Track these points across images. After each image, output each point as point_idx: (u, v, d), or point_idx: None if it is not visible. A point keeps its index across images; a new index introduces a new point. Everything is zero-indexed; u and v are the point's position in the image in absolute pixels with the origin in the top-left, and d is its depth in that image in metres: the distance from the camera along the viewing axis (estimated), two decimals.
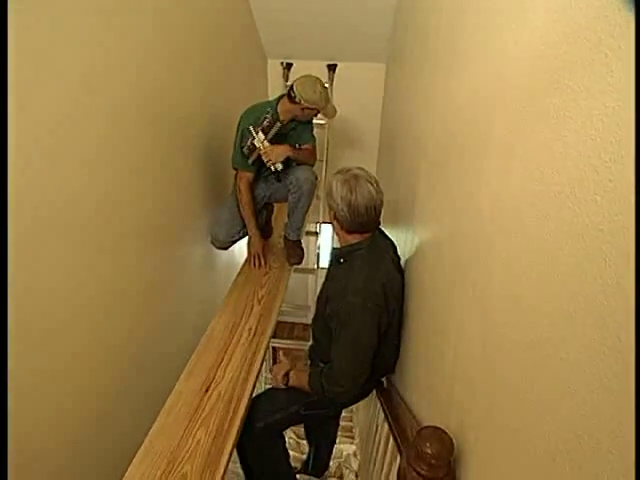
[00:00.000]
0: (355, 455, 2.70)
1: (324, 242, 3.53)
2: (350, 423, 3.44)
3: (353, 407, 3.66)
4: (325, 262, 1.93)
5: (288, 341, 3.80)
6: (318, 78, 2.08)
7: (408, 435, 1.13)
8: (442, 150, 1.19)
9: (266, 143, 2.08)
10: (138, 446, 1.41)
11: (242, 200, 2.23)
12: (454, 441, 0.78)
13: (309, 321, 1.76)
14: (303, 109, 2.07)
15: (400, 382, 1.54)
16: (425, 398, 1.19)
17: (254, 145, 2.10)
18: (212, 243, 2.44)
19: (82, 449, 1.54)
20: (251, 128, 2.08)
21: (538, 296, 0.58)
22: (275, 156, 2.08)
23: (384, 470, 1.43)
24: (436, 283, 1.16)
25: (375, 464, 1.62)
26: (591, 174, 0.46)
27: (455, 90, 1.10)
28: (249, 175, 2.20)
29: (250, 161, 2.16)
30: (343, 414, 3.37)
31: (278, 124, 2.12)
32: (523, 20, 0.68)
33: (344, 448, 2.79)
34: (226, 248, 2.46)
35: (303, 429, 2.45)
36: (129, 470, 1.33)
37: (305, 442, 2.55)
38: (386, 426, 1.44)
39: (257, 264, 2.42)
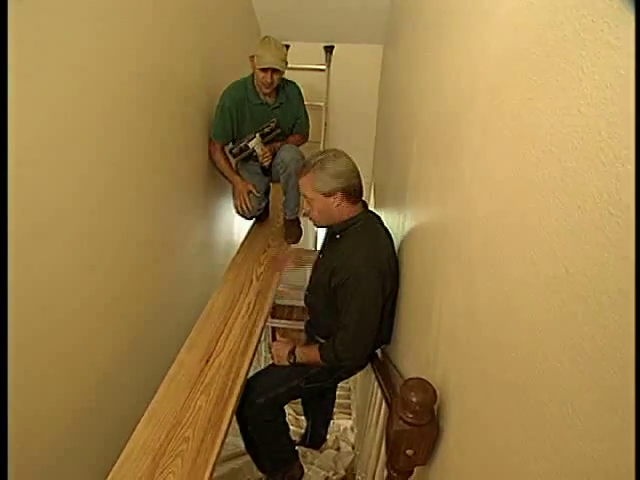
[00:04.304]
0: (352, 429, 2.79)
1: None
2: (348, 401, 3.54)
3: (351, 385, 3.76)
4: None
5: (287, 321, 3.86)
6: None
7: (397, 392, 1.19)
8: (432, 127, 1.23)
9: (263, 146, 2.28)
10: (142, 412, 1.48)
11: (216, 159, 2.38)
12: (437, 391, 0.84)
13: None
14: (251, 64, 2.16)
15: (393, 352, 1.61)
16: (414, 361, 1.25)
17: (247, 147, 2.26)
18: (240, 215, 2.48)
19: (91, 414, 1.61)
20: (257, 134, 2.25)
21: (513, 257, 0.63)
22: (268, 157, 2.31)
23: (377, 432, 1.50)
24: (424, 252, 1.21)
25: (370, 428, 1.69)
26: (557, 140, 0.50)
27: (443, 69, 1.14)
28: (221, 144, 2.36)
29: (237, 159, 2.35)
30: (342, 392, 3.47)
31: (278, 130, 2.30)
32: (501, 7, 0.72)
33: (342, 423, 2.88)
34: (252, 217, 2.53)
35: (301, 406, 2.51)
36: (134, 433, 1.40)
37: (303, 418, 2.63)
38: (379, 392, 1.50)
39: (245, 208, 2.38)
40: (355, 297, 1.44)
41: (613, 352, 0.40)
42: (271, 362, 1.77)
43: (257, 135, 2.25)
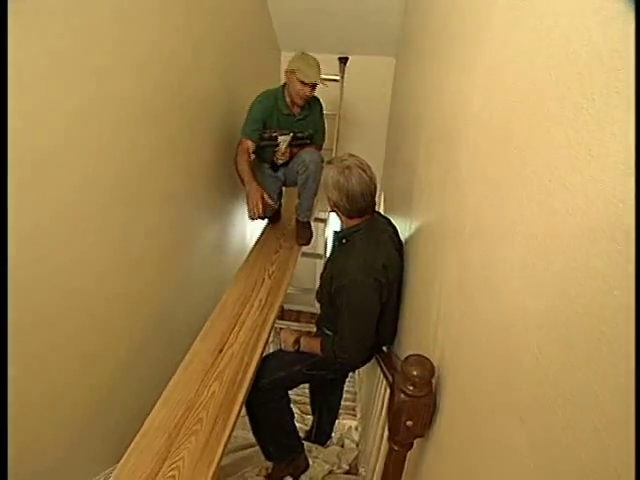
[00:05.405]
0: (356, 428, 2.84)
1: (332, 229, 3.67)
2: (353, 403, 3.59)
3: (357, 389, 3.81)
4: None
5: (295, 323, 3.95)
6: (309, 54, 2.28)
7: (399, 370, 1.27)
8: (436, 131, 1.33)
9: (287, 146, 2.43)
10: (159, 395, 1.57)
11: (240, 160, 2.33)
12: (435, 364, 0.92)
13: (315, 309, 1.92)
14: (287, 77, 2.27)
15: (397, 345, 1.68)
16: (415, 347, 1.33)
17: (276, 138, 2.41)
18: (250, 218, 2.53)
19: (111, 395, 1.73)
20: (290, 134, 2.42)
21: (498, 240, 0.71)
22: (285, 157, 2.48)
23: (381, 420, 1.57)
24: (427, 246, 1.30)
25: (374, 415, 1.76)
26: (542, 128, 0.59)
27: (444, 77, 1.25)
28: (250, 144, 2.35)
29: (262, 143, 2.41)
30: (347, 395, 3.53)
31: (307, 140, 2.48)
32: (493, 23, 0.81)
33: (346, 423, 2.94)
34: (263, 218, 2.58)
35: (309, 406, 2.58)
36: (151, 413, 1.49)
37: (309, 417, 2.70)
38: (384, 381, 1.58)
39: (256, 211, 2.26)
40: (350, 303, 1.54)
41: (593, 331, 0.44)
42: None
43: (290, 135, 2.41)
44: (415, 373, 0.90)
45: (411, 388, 0.91)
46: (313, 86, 2.26)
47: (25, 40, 1.06)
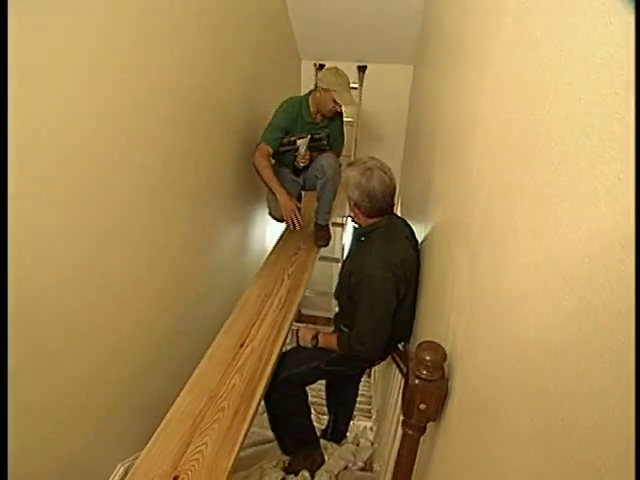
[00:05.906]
0: (371, 429, 2.88)
1: (350, 234, 3.72)
2: (368, 406, 3.63)
3: (372, 392, 3.85)
4: None
5: (311, 325, 4.01)
6: (340, 69, 2.37)
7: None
8: (451, 134, 1.40)
9: (307, 148, 2.52)
10: (182, 386, 1.65)
11: (262, 166, 2.37)
12: (447, 351, 0.98)
13: (331, 315, 1.97)
14: (320, 93, 2.36)
15: (413, 342, 1.73)
16: (430, 336, 1.37)
17: (295, 142, 2.49)
18: (273, 217, 2.67)
19: (138, 385, 1.84)
20: (308, 135, 2.50)
21: (506, 237, 0.76)
22: (306, 160, 2.53)
23: (396, 413, 1.62)
24: (441, 242, 1.35)
25: (389, 408, 1.81)
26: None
27: (463, 85, 1.31)
28: (269, 149, 2.41)
29: (281, 149, 2.50)
30: (362, 399, 3.56)
31: (324, 142, 2.57)
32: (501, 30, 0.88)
33: (362, 424, 2.98)
34: (283, 220, 2.60)
35: (325, 406, 2.63)
36: (177, 400, 1.58)
37: (325, 417, 2.75)
38: (399, 375, 1.63)
39: (295, 223, 2.39)
40: (367, 297, 1.60)
41: (596, 324, 0.45)
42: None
43: (308, 136, 2.50)
44: (428, 358, 0.95)
45: (424, 372, 0.97)
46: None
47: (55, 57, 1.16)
